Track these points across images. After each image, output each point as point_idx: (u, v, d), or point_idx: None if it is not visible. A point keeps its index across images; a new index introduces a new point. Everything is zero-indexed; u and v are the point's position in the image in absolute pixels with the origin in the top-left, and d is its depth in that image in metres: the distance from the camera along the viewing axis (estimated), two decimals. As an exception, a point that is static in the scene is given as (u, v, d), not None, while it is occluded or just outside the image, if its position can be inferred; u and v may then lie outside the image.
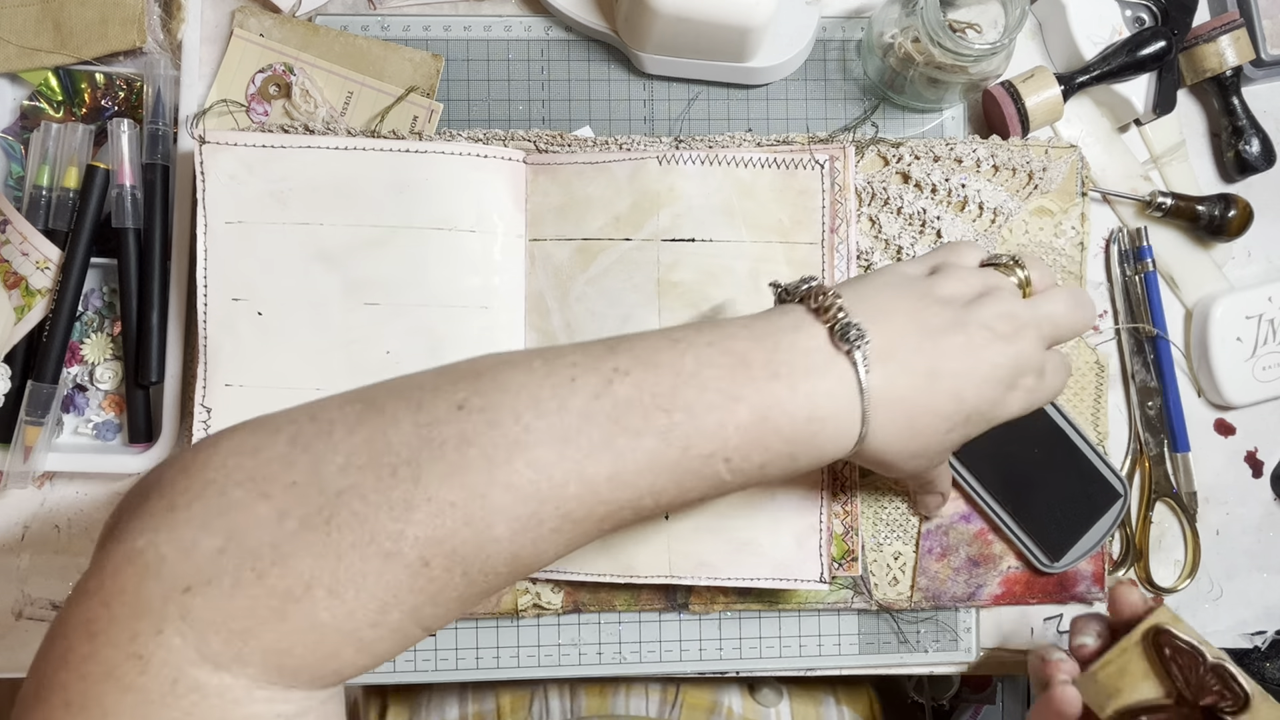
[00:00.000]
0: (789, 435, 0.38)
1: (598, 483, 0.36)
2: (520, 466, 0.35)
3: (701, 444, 0.37)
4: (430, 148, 0.51)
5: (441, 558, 0.33)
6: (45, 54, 0.54)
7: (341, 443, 0.36)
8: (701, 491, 0.38)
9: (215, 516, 0.32)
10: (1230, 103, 0.57)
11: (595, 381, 0.37)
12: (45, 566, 0.54)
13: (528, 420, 0.36)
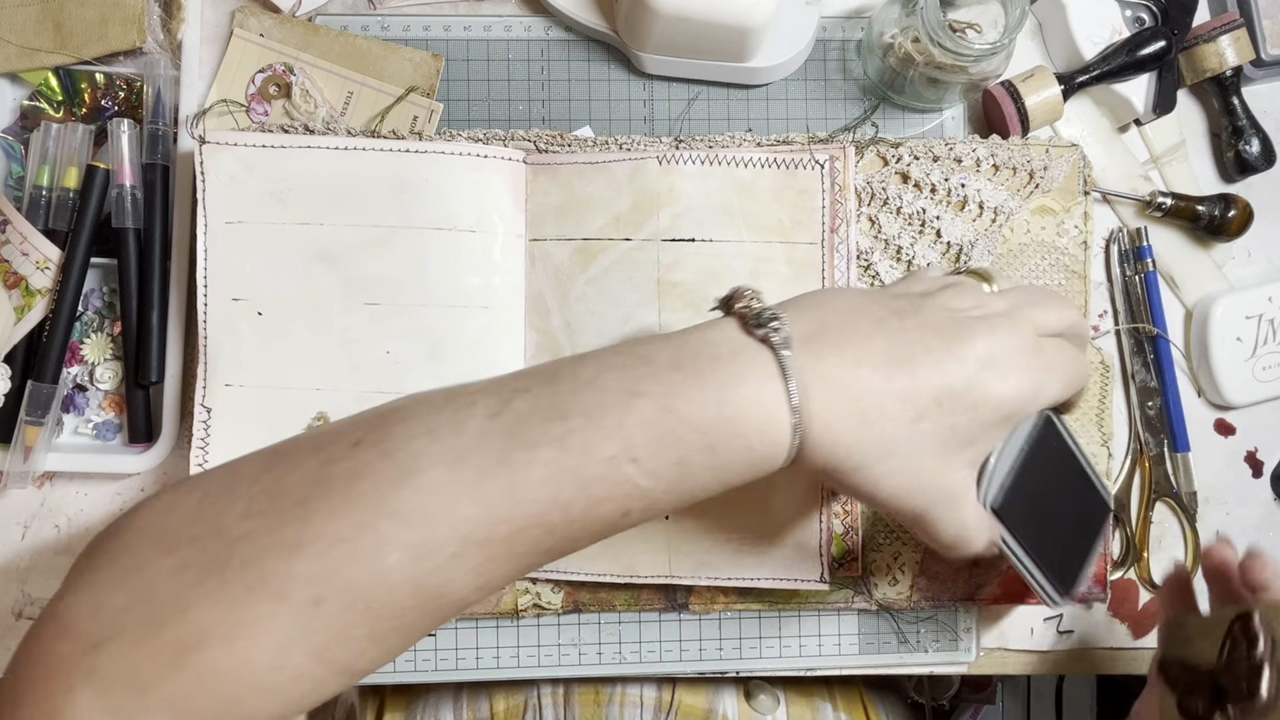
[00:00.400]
0: (700, 426, 0.36)
1: (493, 500, 0.34)
2: (408, 493, 0.34)
3: (602, 446, 0.35)
4: (430, 148, 0.51)
5: (335, 595, 0.33)
6: (45, 54, 0.54)
7: (244, 492, 0.36)
8: (620, 502, 0.36)
9: (126, 575, 0.33)
10: (1230, 103, 0.57)
11: (493, 402, 0.37)
12: (45, 566, 0.54)
13: (419, 446, 0.35)
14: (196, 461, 0.50)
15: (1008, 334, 0.38)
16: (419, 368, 0.51)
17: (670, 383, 0.36)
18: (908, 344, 0.38)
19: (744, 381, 0.36)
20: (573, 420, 0.35)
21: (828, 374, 0.37)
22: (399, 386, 0.51)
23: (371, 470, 0.35)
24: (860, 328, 0.38)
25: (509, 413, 0.36)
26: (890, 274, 0.54)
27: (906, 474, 0.38)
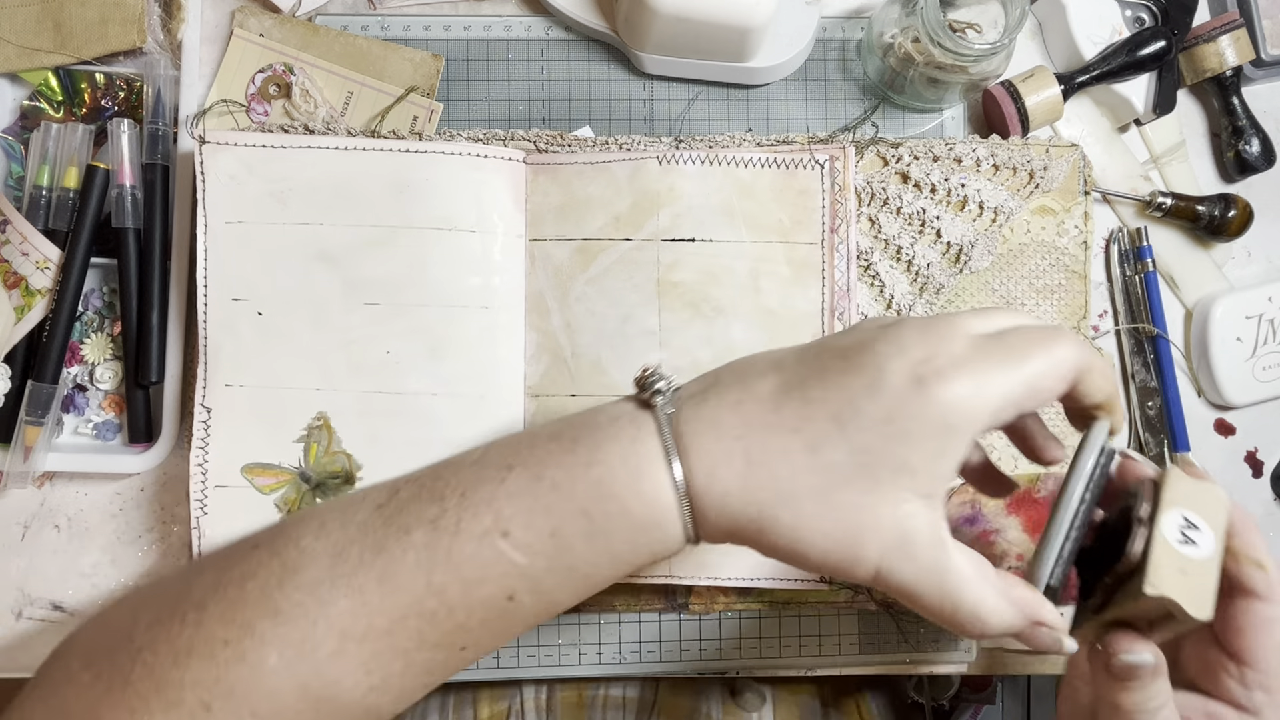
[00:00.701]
0: (570, 490, 0.34)
1: (367, 590, 0.34)
2: (289, 590, 0.34)
3: (473, 523, 0.34)
4: (430, 148, 0.51)
5: (221, 699, 0.33)
6: (45, 54, 0.54)
7: (157, 600, 0.36)
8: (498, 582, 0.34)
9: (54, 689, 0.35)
10: (1230, 103, 0.57)
11: (383, 493, 0.37)
12: (45, 567, 0.54)
13: (306, 543, 0.35)
14: (196, 462, 0.50)
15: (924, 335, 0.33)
16: (419, 368, 0.51)
17: (545, 451, 0.35)
18: (802, 372, 0.34)
19: (616, 440, 0.34)
20: (448, 500, 0.35)
21: (706, 417, 0.34)
22: (399, 386, 0.51)
23: (261, 570, 0.35)
24: (753, 370, 0.35)
25: (394, 502, 0.36)
26: (890, 274, 0.54)
27: (824, 518, 0.32)
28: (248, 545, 0.37)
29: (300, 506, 0.51)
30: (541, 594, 0.35)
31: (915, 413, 0.32)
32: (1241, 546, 0.36)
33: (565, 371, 0.52)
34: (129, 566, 0.54)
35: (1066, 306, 0.55)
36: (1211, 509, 0.35)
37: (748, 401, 0.34)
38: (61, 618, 0.54)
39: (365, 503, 0.37)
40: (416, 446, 0.51)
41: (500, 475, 0.35)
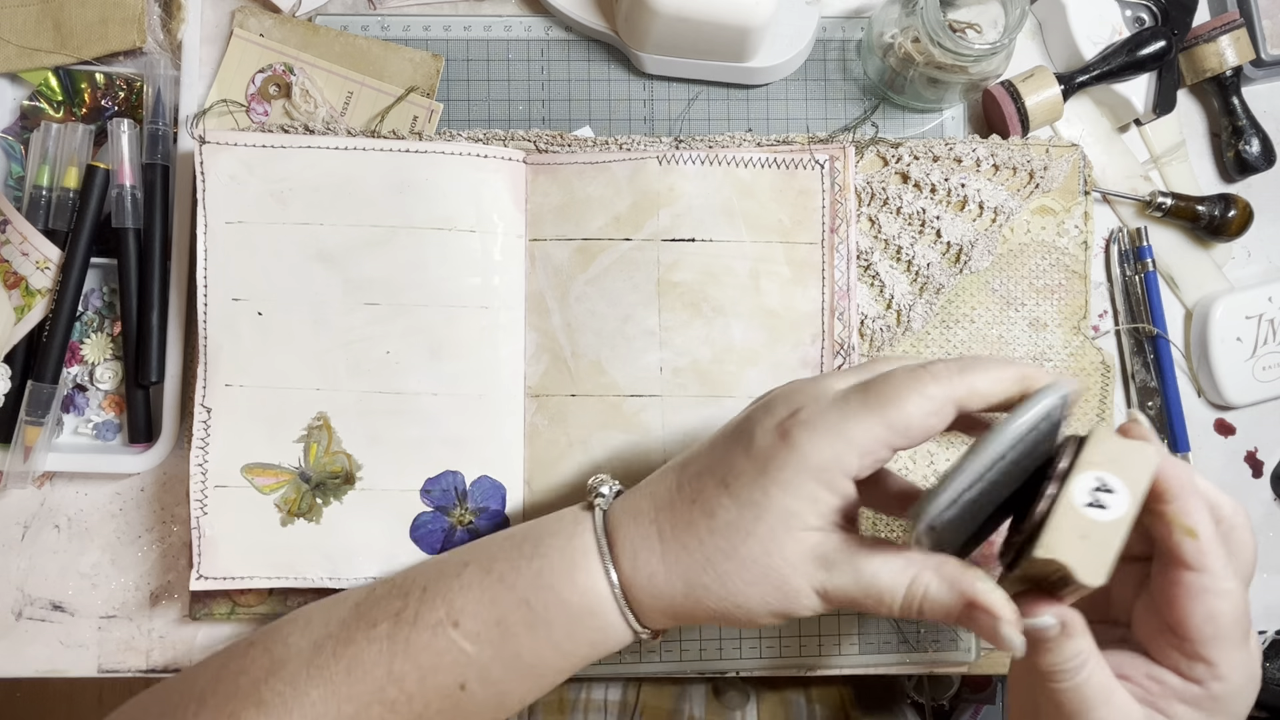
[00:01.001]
0: (514, 581, 0.37)
1: (337, 680, 0.37)
2: (274, 682, 0.37)
3: (429, 614, 0.37)
4: (430, 148, 0.51)
5: None
6: (45, 54, 0.54)
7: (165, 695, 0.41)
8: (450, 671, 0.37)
9: None
10: (1230, 103, 0.57)
11: (362, 591, 0.40)
12: (45, 567, 0.54)
13: (293, 640, 0.39)
14: (196, 461, 0.50)
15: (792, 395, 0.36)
16: (419, 368, 0.51)
17: (498, 549, 0.39)
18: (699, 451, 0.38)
19: (557, 537, 0.38)
20: (411, 595, 0.38)
21: (629, 508, 0.38)
22: (399, 386, 0.51)
23: (253, 666, 0.39)
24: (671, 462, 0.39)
25: (369, 599, 0.40)
26: (890, 274, 0.54)
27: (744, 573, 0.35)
28: (245, 643, 0.41)
29: (300, 506, 0.51)
30: (491, 683, 0.38)
31: (784, 462, 0.35)
32: (1175, 513, 0.34)
33: (565, 371, 0.52)
34: (129, 566, 0.54)
35: (1066, 306, 0.55)
36: (1135, 471, 0.33)
37: (658, 487, 0.38)
38: (61, 618, 0.54)
39: (347, 601, 0.40)
40: (416, 446, 0.51)
41: (457, 570, 0.39)
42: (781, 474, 0.35)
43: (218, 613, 0.52)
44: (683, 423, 0.51)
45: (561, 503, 0.51)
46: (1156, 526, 0.35)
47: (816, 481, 0.35)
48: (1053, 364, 0.55)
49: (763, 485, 0.35)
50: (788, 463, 0.35)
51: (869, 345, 0.54)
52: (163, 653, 0.53)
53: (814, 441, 0.34)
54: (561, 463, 0.52)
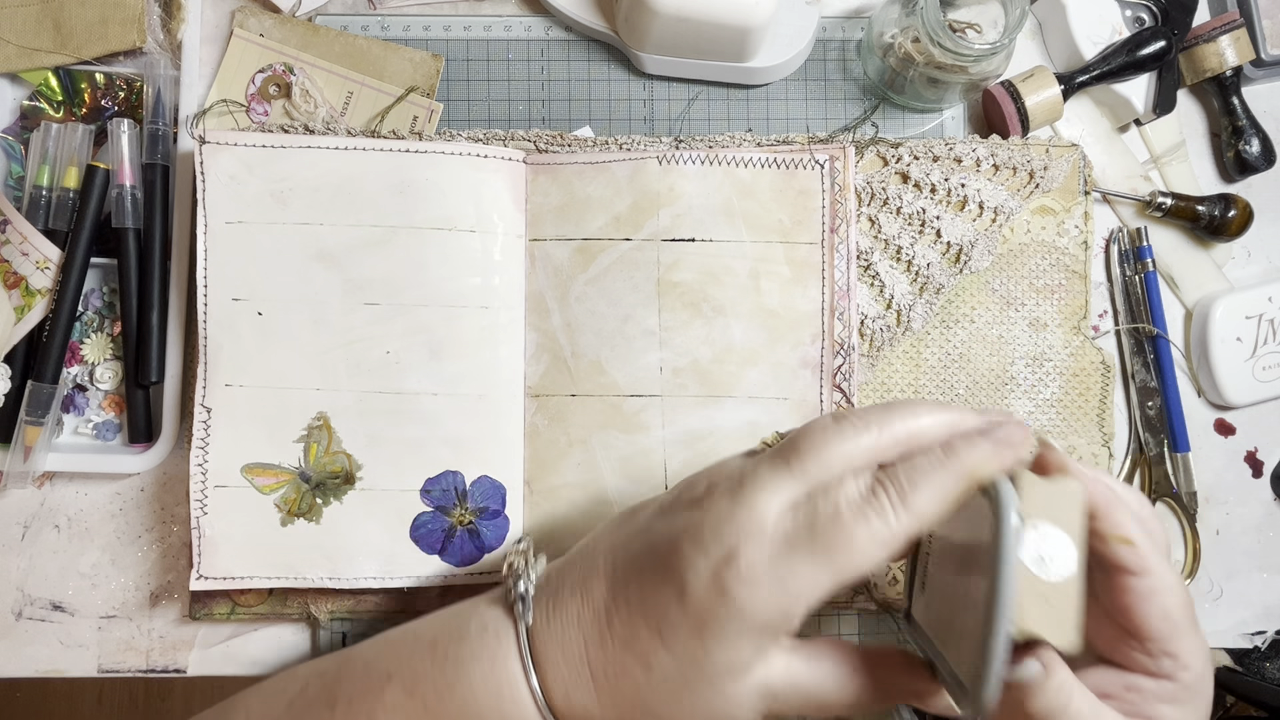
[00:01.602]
0: (438, 711, 0.36)
1: None
2: None
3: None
4: (430, 148, 0.51)
5: None
6: (45, 54, 0.54)
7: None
8: None
9: None
10: (1230, 103, 0.57)
11: (295, 689, 0.40)
12: (45, 567, 0.54)
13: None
14: (196, 461, 0.50)
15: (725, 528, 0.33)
16: (419, 368, 0.51)
17: (420, 664, 0.37)
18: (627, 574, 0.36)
19: (478, 660, 0.36)
20: (338, 706, 0.37)
21: (556, 636, 0.36)
22: (399, 386, 0.51)
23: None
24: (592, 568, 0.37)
25: (301, 699, 0.39)
26: (890, 274, 0.54)
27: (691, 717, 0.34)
28: None
29: (300, 506, 0.51)
30: None
31: (724, 620, 0.33)
32: (1106, 528, 0.34)
33: (565, 371, 0.52)
34: (129, 566, 0.54)
35: (1066, 306, 0.55)
36: (1068, 511, 0.32)
37: (586, 614, 0.36)
38: (61, 618, 0.54)
39: (282, 696, 0.40)
40: (416, 446, 0.51)
41: (380, 685, 0.37)
42: (723, 632, 0.33)
43: (218, 613, 0.52)
44: (683, 423, 0.51)
45: (562, 503, 0.52)
46: (1091, 542, 0.34)
47: (760, 635, 0.33)
48: (1052, 364, 0.55)
49: (702, 641, 0.33)
50: (728, 621, 0.33)
51: (869, 345, 0.54)
52: (163, 653, 0.53)
53: (755, 599, 0.32)
54: (561, 463, 0.52)
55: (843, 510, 0.33)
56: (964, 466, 0.33)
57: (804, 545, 0.32)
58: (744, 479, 0.35)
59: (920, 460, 0.33)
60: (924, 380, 0.54)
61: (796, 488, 0.34)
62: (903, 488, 0.33)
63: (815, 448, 0.34)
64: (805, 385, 0.52)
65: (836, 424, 0.35)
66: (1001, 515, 0.31)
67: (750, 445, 0.51)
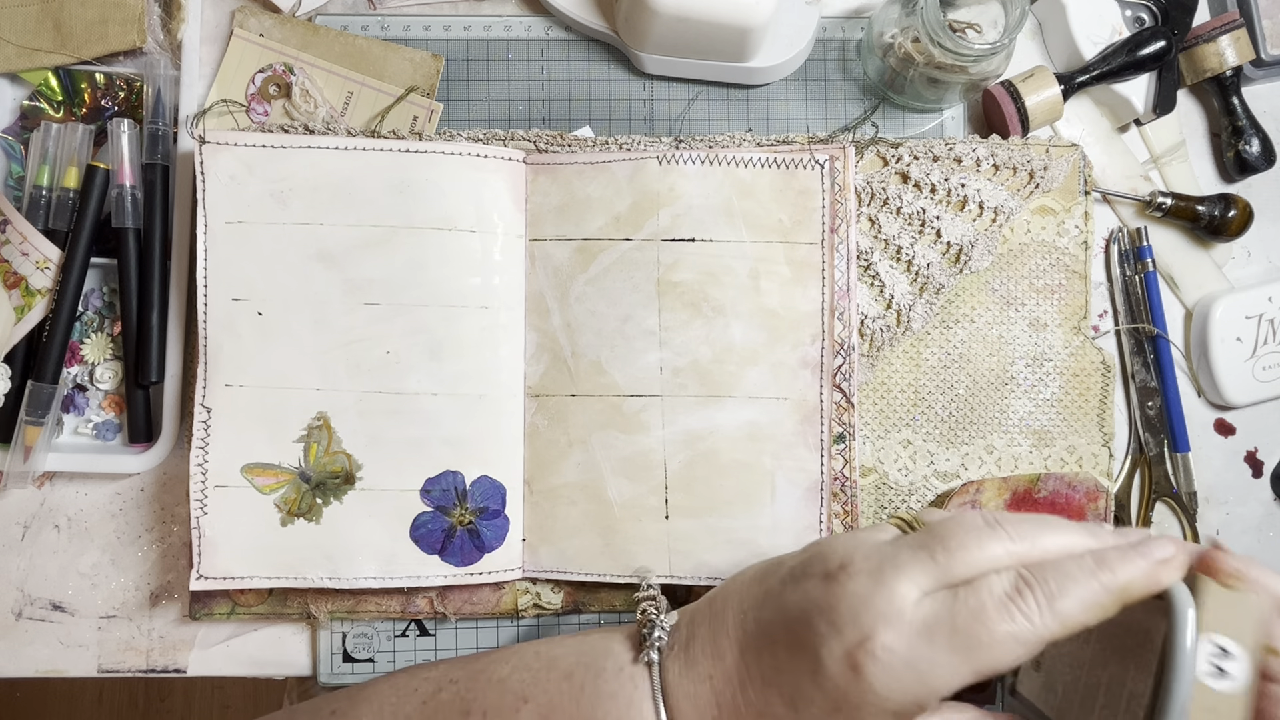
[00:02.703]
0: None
1: None
2: None
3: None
4: (430, 148, 0.51)
5: None
6: (45, 54, 0.54)
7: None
8: None
9: None
10: (1230, 103, 0.57)
11: (429, 690, 0.42)
12: (45, 567, 0.54)
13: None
14: (196, 461, 0.50)
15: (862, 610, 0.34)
16: (419, 368, 0.51)
17: (556, 691, 0.39)
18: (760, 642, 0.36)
19: (614, 700, 0.38)
20: (473, 716, 0.39)
21: (688, 691, 0.37)
22: (399, 386, 0.51)
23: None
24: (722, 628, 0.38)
25: (434, 701, 0.41)
26: (890, 274, 0.54)
27: None
28: (327, 709, 0.43)
29: (300, 506, 0.51)
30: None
31: (858, 702, 0.33)
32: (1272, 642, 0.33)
33: (565, 371, 0.52)
34: (129, 566, 0.54)
35: (1066, 306, 0.55)
36: (1245, 625, 0.32)
37: (718, 675, 0.37)
38: (61, 618, 0.54)
39: (416, 695, 0.42)
40: (416, 446, 0.51)
41: (515, 705, 0.39)
42: (857, 713, 0.33)
43: (218, 612, 0.52)
44: (683, 423, 0.51)
45: (562, 502, 0.51)
46: None
47: (895, 717, 0.34)
48: (1053, 363, 0.55)
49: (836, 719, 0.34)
50: (863, 704, 0.33)
51: (869, 345, 0.54)
52: (163, 653, 0.53)
53: (891, 685, 0.33)
54: (561, 463, 0.52)
55: (987, 606, 0.32)
56: (1116, 582, 0.33)
57: (944, 636, 0.32)
58: (884, 562, 0.35)
59: (1071, 566, 0.33)
60: (924, 380, 0.54)
61: (938, 578, 0.34)
62: (1051, 591, 0.32)
63: (964, 545, 0.34)
64: (805, 385, 0.52)
65: (989, 527, 0.35)
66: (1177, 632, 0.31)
67: (752, 446, 0.51)
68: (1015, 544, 0.34)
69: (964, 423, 0.54)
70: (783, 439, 0.51)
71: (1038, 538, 0.35)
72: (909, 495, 0.54)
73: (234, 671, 0.54)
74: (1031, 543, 0.35)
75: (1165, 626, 0.31)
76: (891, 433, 0.54)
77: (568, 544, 0.52)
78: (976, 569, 0.34)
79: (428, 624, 0.54)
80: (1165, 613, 0.32)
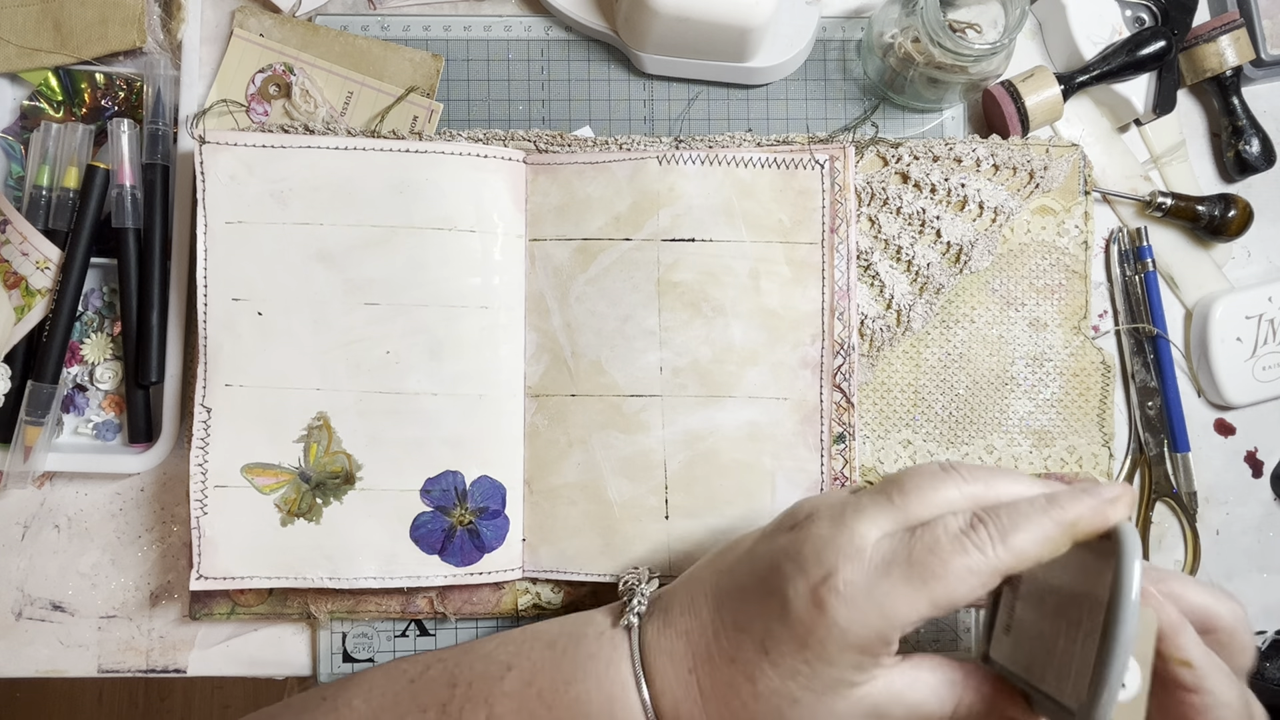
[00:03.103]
0: (552, 701, 0.38)
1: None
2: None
3: (472, 711, 0.39)
4: (430, 148, 0.51)
5: None
6: (45, 54, 0.54)
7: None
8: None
9: None
10: (1230, 103, 0.57)
11: (416, 669, 0.43)
12: (45, 567, 0.54)
13: (357, 704, 0.42)
14: (196, 461, 0.50)
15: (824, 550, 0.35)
16: (419, 368, 0.51)
17: (540, 658, 0.40)
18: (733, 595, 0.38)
19: (594, 660, 0.39)
20: (459, 687, 0.40)
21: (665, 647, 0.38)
22: (399, 386, 0.51)
23: None
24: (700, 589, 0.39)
25: (423, 679, 0.42)
26: (890, 274, 0.54)
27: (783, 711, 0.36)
28: (318, 695, 0.44)
29: (300, 506, 0.51)
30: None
31: (824, 637, 0.35)
32: (1168, 650, 0.35)
33: (565, 371, 0.52)
34: (129, 566, 0.54)
35: (1066, 306, 0.55)
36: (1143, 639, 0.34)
37: (694, 630, 0.38)
38: (61, 618, 0.54)
39: (405, 674, 0.43)
40: (416, 446, 0.51)
41: (500, 673, 0.40)
42: (823, 648, 0.35)
43: (218, 613, 0.52)
44: (683, 423, 0.51)
45: (562, 502, 0.52)
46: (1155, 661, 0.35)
47: (859, 653, 0.35)
48: (1053, 363, 0.55)
49: (804, 657, 0.35)
50: (828, 638, 0.35)
51: (869, 345, 0.54)
52: (163, 653, 0.53)
53: (852, 617, 0.34)
54: (561, 463, 0.52)
55: (941, 540, 0.34)
56: (1067, 517, 0.34)
57: (900, 570, 0.34)
58: (845, 507, 0.37)
59: (1023, 504, 0.35)
60: (924, 380, 0.54)
61: (897, 520, 0.36)
62: (1004, 526, 0.34)
63: (919, 487, 0.36)
64: (805, 385, 0.52)
65: (944, 471, 0.37)
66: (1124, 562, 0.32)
67: (752, 446, 0.51)
68: (969, 485, 0.36)
69: (964, 423, 0.54)
70: (783, 439, 0.51)
71: (991, 481, 0.37)
72: (909, 495, 0.54)
73: (234, 671, 0.54)
74: (985, 485, 0.36)
75: (1114, 564, 0.33)
76: (891, 433, 0.54)
77: (568, 544, 0.52)
78: (933, 510, 0.36)
79: (428, 624, 0.54)
80: (1113, 553, 0.33)
